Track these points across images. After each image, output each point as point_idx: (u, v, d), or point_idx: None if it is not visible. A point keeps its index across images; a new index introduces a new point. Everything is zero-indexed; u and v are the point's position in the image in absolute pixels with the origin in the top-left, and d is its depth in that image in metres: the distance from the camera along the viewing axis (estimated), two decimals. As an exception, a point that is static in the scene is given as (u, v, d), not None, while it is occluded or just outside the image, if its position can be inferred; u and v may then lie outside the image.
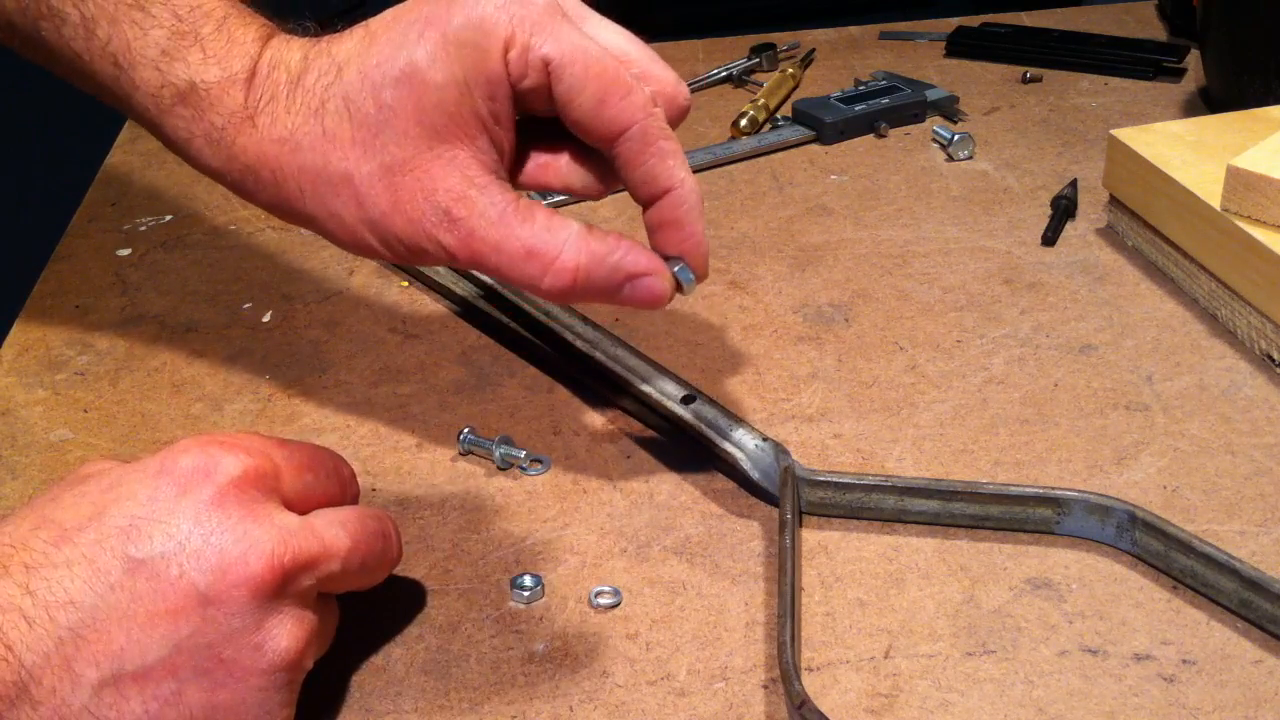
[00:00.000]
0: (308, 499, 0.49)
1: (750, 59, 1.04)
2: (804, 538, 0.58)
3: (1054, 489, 0.57)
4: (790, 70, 1.01)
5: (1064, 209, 0.81)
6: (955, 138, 0.89)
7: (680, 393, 0.64)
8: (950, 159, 0.90)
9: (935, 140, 0.91)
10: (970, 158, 0.90)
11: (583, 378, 0.68)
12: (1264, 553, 0.56)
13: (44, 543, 0.45)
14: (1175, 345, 0.69)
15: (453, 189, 0.51)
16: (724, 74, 1.03)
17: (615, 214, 0.83)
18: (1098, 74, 1.00)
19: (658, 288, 0.53)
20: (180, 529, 0.45)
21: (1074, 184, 0.83)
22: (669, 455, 0.63)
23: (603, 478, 0.62)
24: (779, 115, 0.96)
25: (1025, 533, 0.57)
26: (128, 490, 0.46)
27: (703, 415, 0.62)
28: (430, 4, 0.51)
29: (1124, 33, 1.06)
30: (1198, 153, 0.75)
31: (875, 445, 0.63)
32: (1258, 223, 0.68)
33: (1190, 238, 0.72)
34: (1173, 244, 0.74)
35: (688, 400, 0.63)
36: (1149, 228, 0.76)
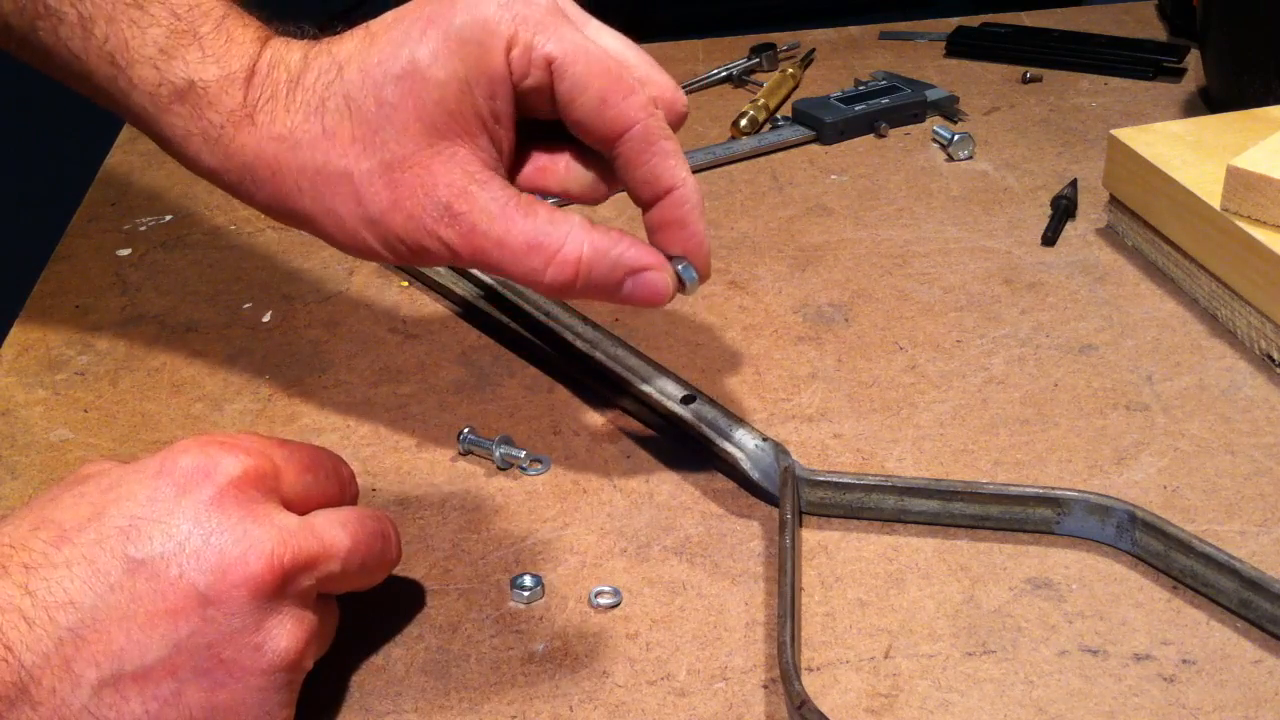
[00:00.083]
0: (307, 499, 0.49)
1: (750, 59, 1.04)
2: (804, 538, 0.58)
3: (1054, 489, 0.57)
4: (790, 70, 1.01)
5: (1064, 209, 0.81)
6: (955, 138, 0.89)
7: (680, 393, 0.64)
8: (950, 159, 0.90)
9: (935, 140, 0.91)
10: (970, 158, 0.90)
11: (583, 378, 0.68)
12: (1264, 553, 0.56)
13: (43, 543, 0.45)
14: (1175, 345, 0.69)
15: (454, 184, 0.51)
16: (724, 74, 1.03)
17: (615, 214, 0.83)
18: (1098, 74, 1.00)
19: (659, 282, 0.52)
20: (180, 529, 0.45)
21: (1074, 184, 0.83)
22: (669, 455, 0.63)
23: (603, 478, 0.62)
24: (779, 115, 0.96)
25: (1025, 533, 0.57)
26: (127, 490, 0.46)
27: (703, 415, 0.62)
28: (433, 4, 0.51)
29: (1124, 33, 1.06)
30: (1198, 153, 0.75)
31: (875, 445, 0.63)
32: (1258, 223, 0.68)
33: (1190, 238, 0.72)
34: (1173, 244, 0.74)
35: (688, 400, 0.63)
36: (1149, 228, 0.76)
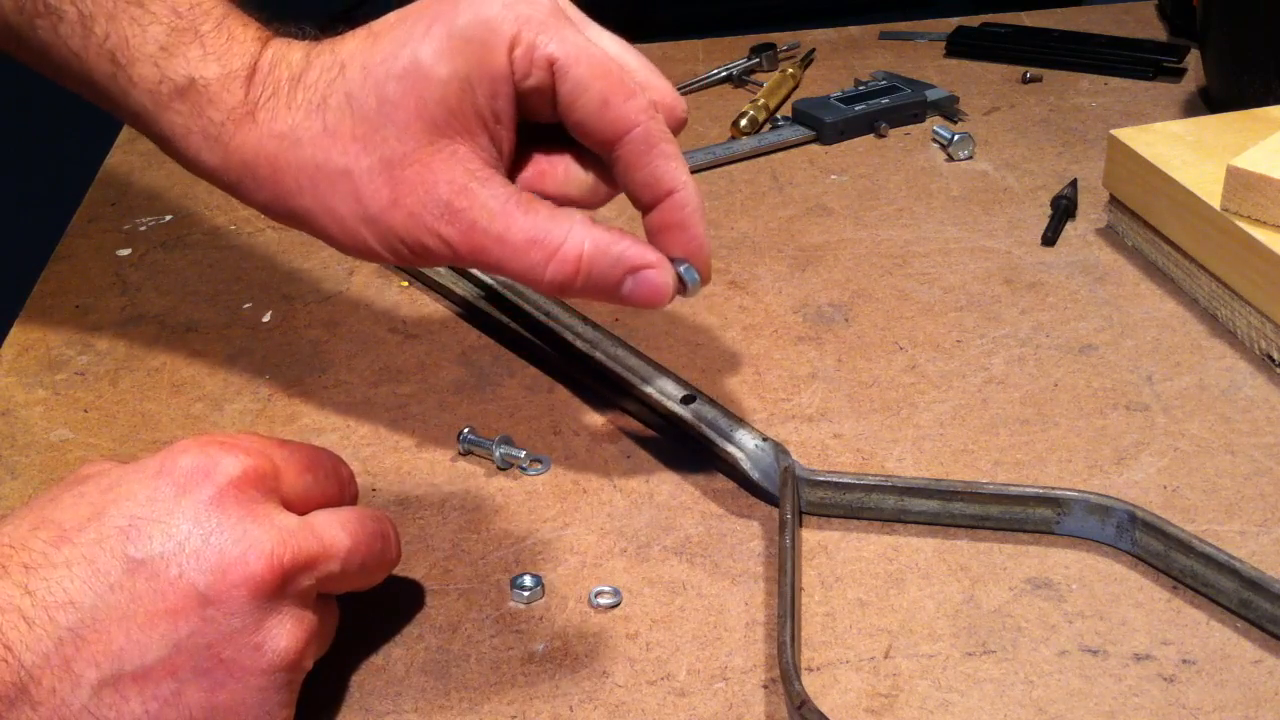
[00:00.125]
0: (307, 499, 0.49)
1: (750, 59, 1.04)
2: (804, 538, 0.58)
3: (1054, 489, 0.57)
4: (790, 70, 1.01)
5: (1064, 209, 0.81)
6: (955, 138, 0.89)
7: (680, 393, 0.64)
8: (950, 159, 0.90)
9: (935, 140, 0.91)
10: (970, 158, 0.90)
11: (583, 378, 0.68)
12: (1264, 553, 0.56)
13: (43, 543, 0.45)
14: (1175, 345, 0.69)
15: (454, 181, 0.51)
16: (724, 74, 1.03)
17: (615, 214, 0.83)
18: (1098, 74, 1.00)
19: (660, 281, 0.52)
20: (180, 529, 0.45)
21: (1074, 184, 0.83)
22: (669, 455, 0.63)
23: (603, 478, 0.62)
24: (779, 115, 0.96)
25: (1025, 533, 0.57)
26: (127, 490, 0.46)
27: (703, 415, 0.62)
28: (436, 4, 0.52)
29: (1124, 33, 1.06)
30: (1198, 153, 0.75)
31: (875, 445, 0.63)
32: (1258, 223, 0.68)
33: (1190, 238, 0.72)
34: (1173, 244, 0.74)
35: (688, 400, 0.63)
36: (1149, 228, 0.76)
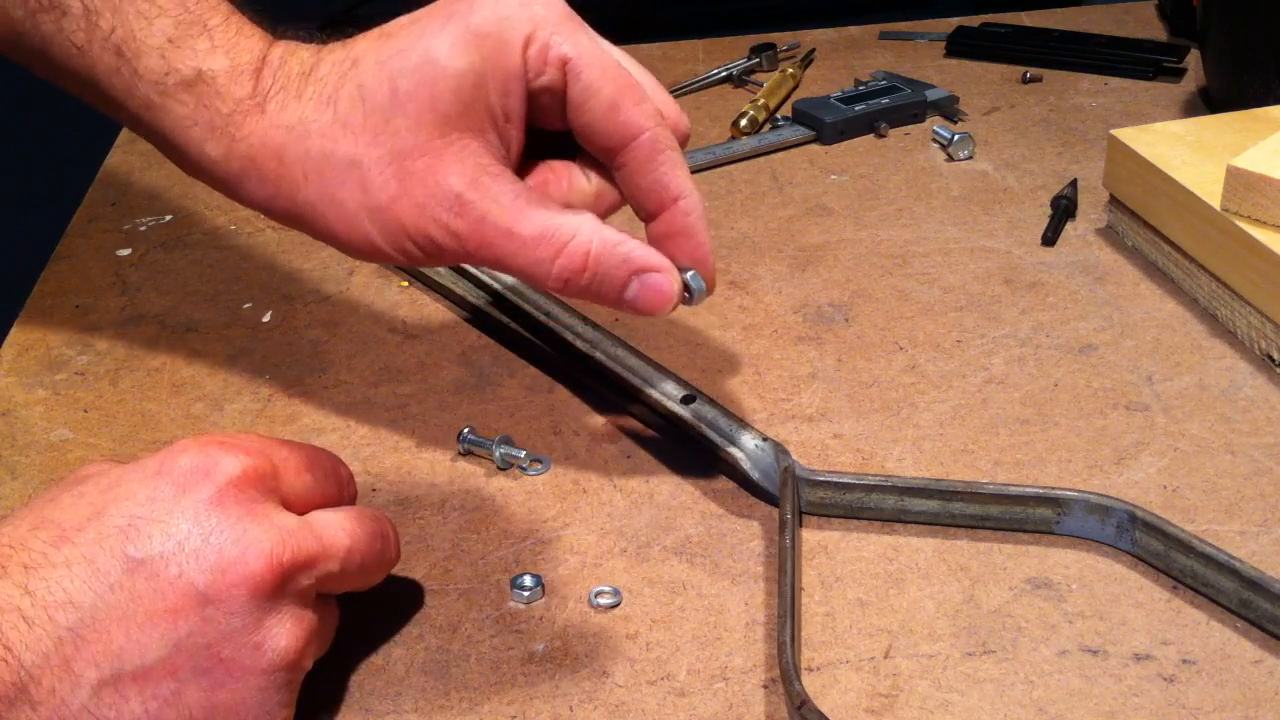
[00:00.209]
0: (306, 499, 0.49)
1: (750, 59, 1.04)
2: (804, 538, 0.58)
3: (1054, 489, 0.57)
4: (790, 70, 1.01)
5: (1064, 209, 0.81)
6: (955, 138, 0.89)
7: (680, 393, 0.64)
8: (950, 159, 0.90)
9: (935, 140, 0.91)
10: (970, 158, 0.90)
11: (583, 378, 0.68)
12: (1264, 553, 0.56)
13: (43, 543, 0.45)
14: (1175, 345, 0.69)
15: (465, 174, 0.51)
16: (724, 74, 1.03)
17: (616, 214, 0.83)
18: (1098, 74, 1.00)
19: (665, 285, 0.52)
20: (179, 529, 0.45)
21: (1074, 184, 0.83)
22: (669, 455, 0.63)
23: (603, 478, 0.62)
24: (779, 115, 0.96)
25: (1025, 533, 0.57)
26: (127, 490, 0.46)
27: (703, 415, 0.62)
28: (452, 3, 0.52)
29: (1124, 33, 1.06)
30: (1198, 153, 0.75)
31: (875, 445, 0.63)
32: (1258, 223, 0.68)
33: (1190, 238, 0.72)
34: (1173, 244, 0.74)
35: (688, 400, 0.63)
36: (1149, 228, 0.76)
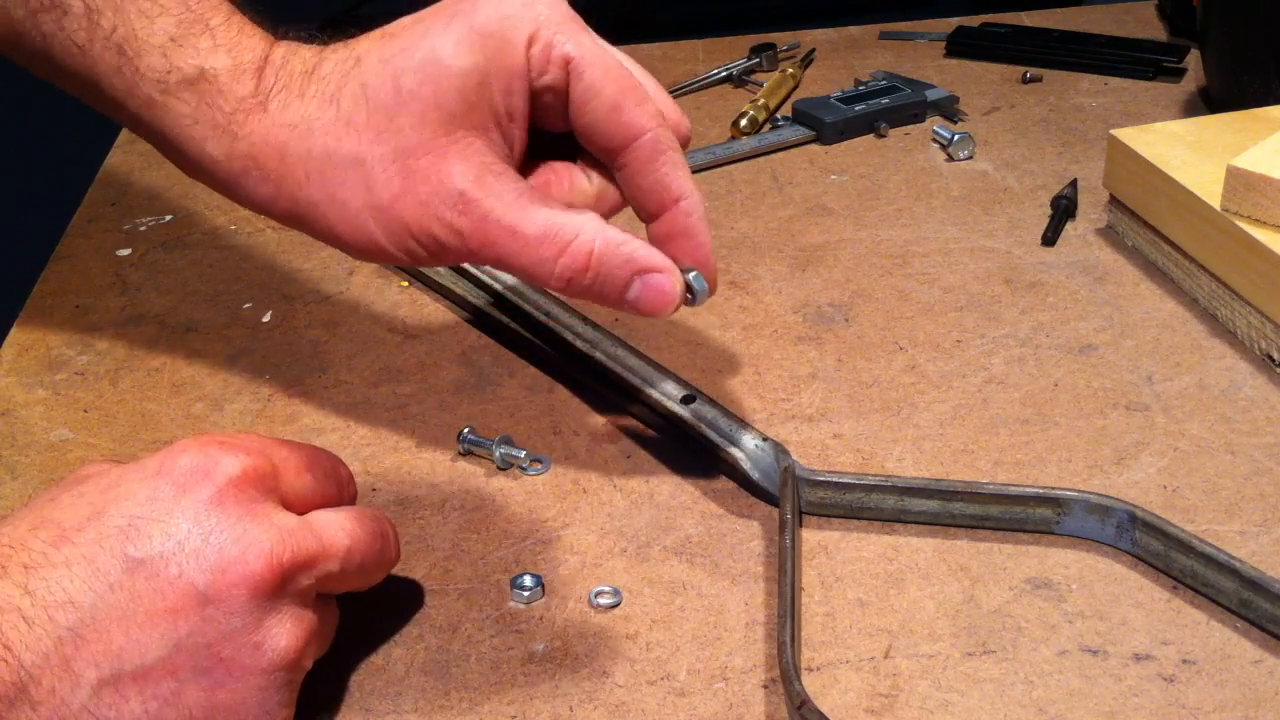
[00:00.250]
0: (306, 499, 0.49)
1: (750, 59, 1.04)
2: (804, 538, 0.58)
3: (1054, 489, 0.57)
4: (790, 70, 1.01)
5: (1064, 209, 0.81)
6: (955, 138, 0.89)
7: (680, 393, 0.64)
8: (950, 159, 0.90)
9: (935, 140, 0.91)
10: (970, 158, 0.90)
11: (583, 378, 0.68)
12: (1264, 553, 0.56)
13: (43, 543, 0.45)
14: (1175, 345, 0.69)
15: (469, 172, 0.51)
16: (724, 74, 1.03)
17: (617, 216, 0.83)
18: (1098, 74, 1.00)
19: (667, 286, 0.52)
20: (179, 528, 0.45)
21: (1074, 184, 0.83)
22: (669, 455, 0.63)
23: (603, 478, 0.62)
24: (779, 115, 0.96)
25: (1025, 533, 0.57)
26: (126, 490, 0.46)
27: (703, 415, 0.62)
28: (456, 3, 0.52)
29: (1124, 33, 1.06)
30: (1198, 153, 0.75)
31: (875, 445, 0.63)
32: (1258, 223, 0.68)
33: (1190, 238, 0.72)
34: (1173, 244, 0.74)
35: (688, 400, 0.63)
36: (1149, 228, 0.76)
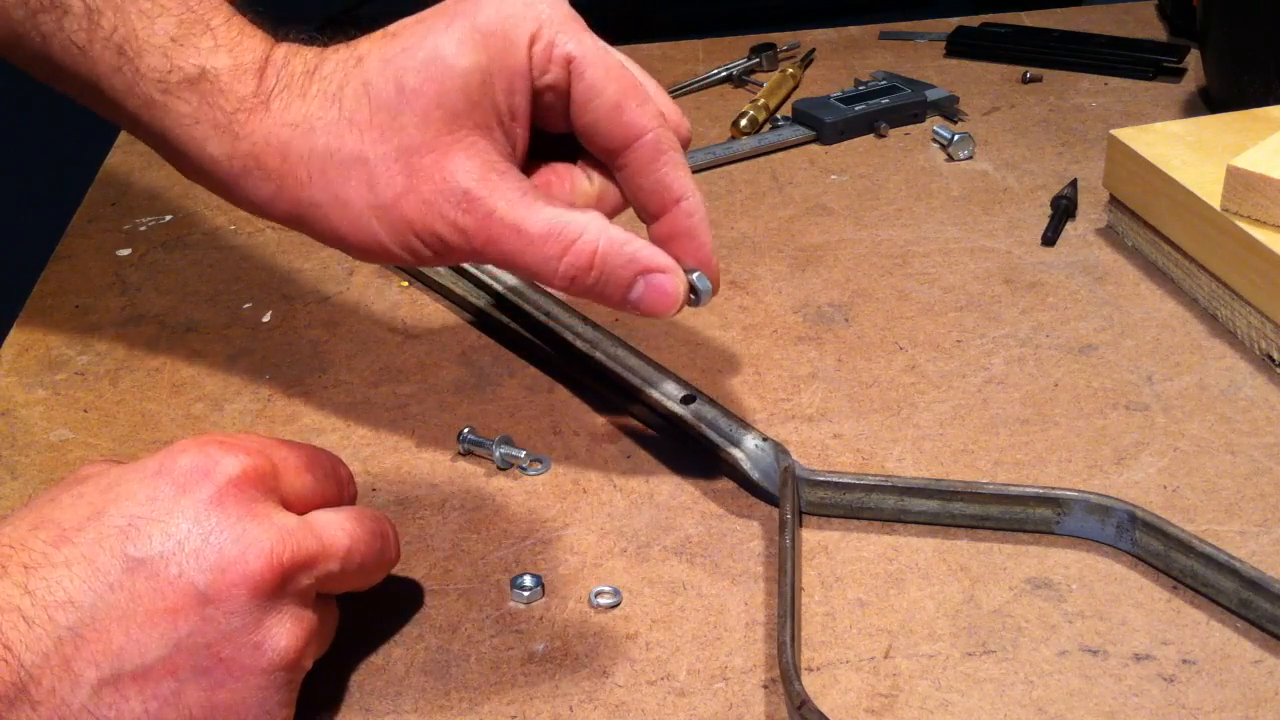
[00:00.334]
0: (306, 499, 0.49)
1: (750, 59, 1.04)
2: (804, 538, 0.58)
3: (1054, 489, 0.57)
4: (790, 70, 1.01)
5: (1064, 209, 0.81)
6: (955, 138, 0.89)
7: (680, 393, 0.64)
8: (950, 159, 0.90)
9: (935, 140, 0.91)
10: (970, 158, 0.90)
11: (583, 378, 0.68)
12: (1264, 553, 0.56)
13: (43, 543, 0.45)
14: (1175, 345, 0.69)
15: (473, 170, 0.51)
16: (724, 74, 1.03)
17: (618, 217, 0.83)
18: (1098, 74, 1.00)
19: (670, 286, 0.52)
20: (179, 528, 0.45)
21: (1074, 184, 0.83)
22: (669, 455, 0.63)
23: (603, 478, 0.62)
24: (779, 115, 0.96)
25: (1025, 533, 0.57)
26: (126, 490, 0.46)
27: (703, 415, 0.62)
28: (458, 3, 0.52)
29: (1124, 33, 1.06)
30: (1198, 153, 0.75)
31: (875, 445, 0.63)
32: (1258, 223, 0.68)
33: (1190, 238, 0.72)
34: (1173, 244, 0.74)
35: (688, 400, 0.63)
36: (1149, 228, 0.76)
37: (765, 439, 0.61)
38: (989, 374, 0.68)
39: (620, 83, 0.52)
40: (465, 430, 0.64)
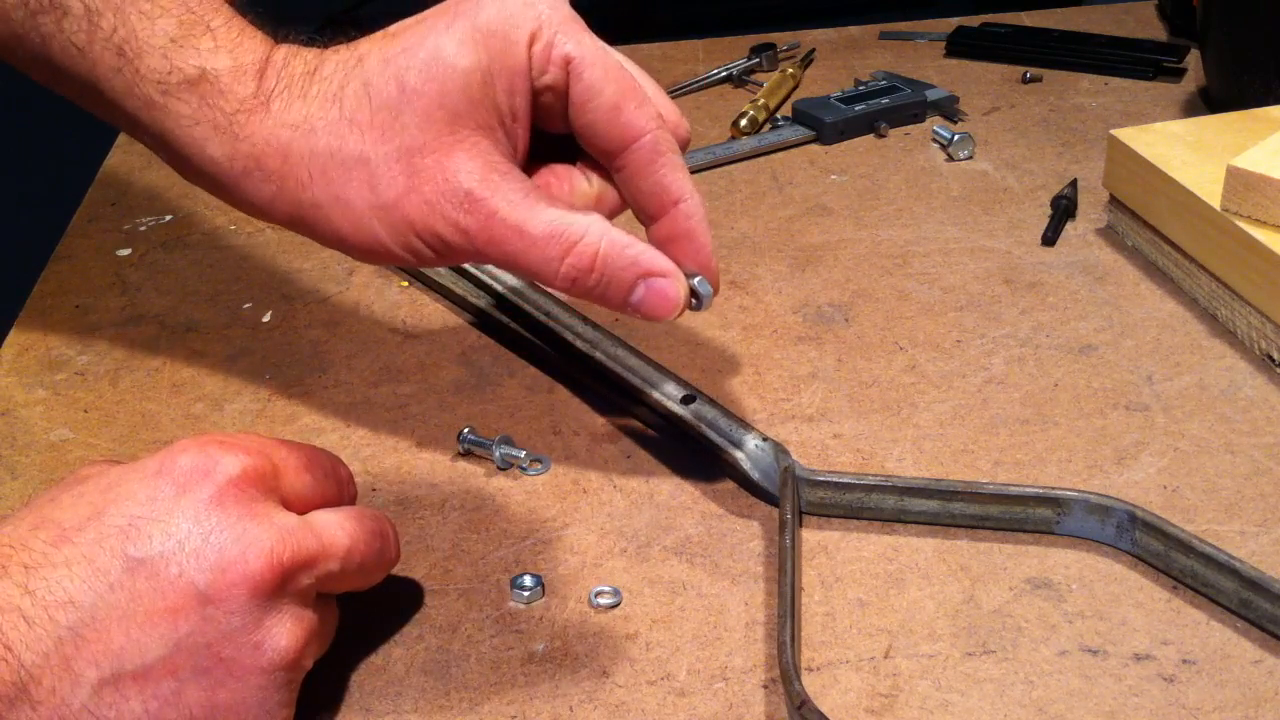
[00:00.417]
0: (306, 499, 0.49)
1: (750, 59, 1.04)
2: (804, 538, 0.58)
3: (1054, 489, 0.57)
4: (790, 70, 1.01)
5: (1064, 209, 0.81)
6: (955, 138, 0.89)
7: (680, 393, 0.64)
8: (950, 159, 0.90)
9: (935, 140, 0.91)
10: (970, 158, 0.90)
11: (583, 378, 0.68)
12: (1264, 553, 0.56)
13: (43, 543, 0.45)
14: (1175, 345, 0.69)
15: (475, 171, 0.51)
16: (724, 74, 1.03)
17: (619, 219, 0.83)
18: (1098, 74, 1.00)
19: (671, 290, 0.52)
20: (179, 528, 0.45)
21: (1074, 184, 0.83)
22: (669, 455, 0.63)
23: (603, 478, 0.62)
24: (779, 115, 0.96)
25: (1025, 533, 0.57)
26: (127, 490, 0.46)
27: (703, 415, 0.62)
28: (458, 3, 0.52)
29: (1124, 33, 1.06)
30: (1198, 153, 0.75)
31: (875, 445, 0.63)
32: (1258, 223, 0.68)
33: (1190, 238, 0.72)
34: (1173, 244, 0.74)
35: (688, 400, 0.63)
36: (1149, 228, 0.76)
37: (765, 439, 0.61)
38: (989, 374, 0.68)
39: (619, 84, 0.52)
40: (465, 430, 0.64)
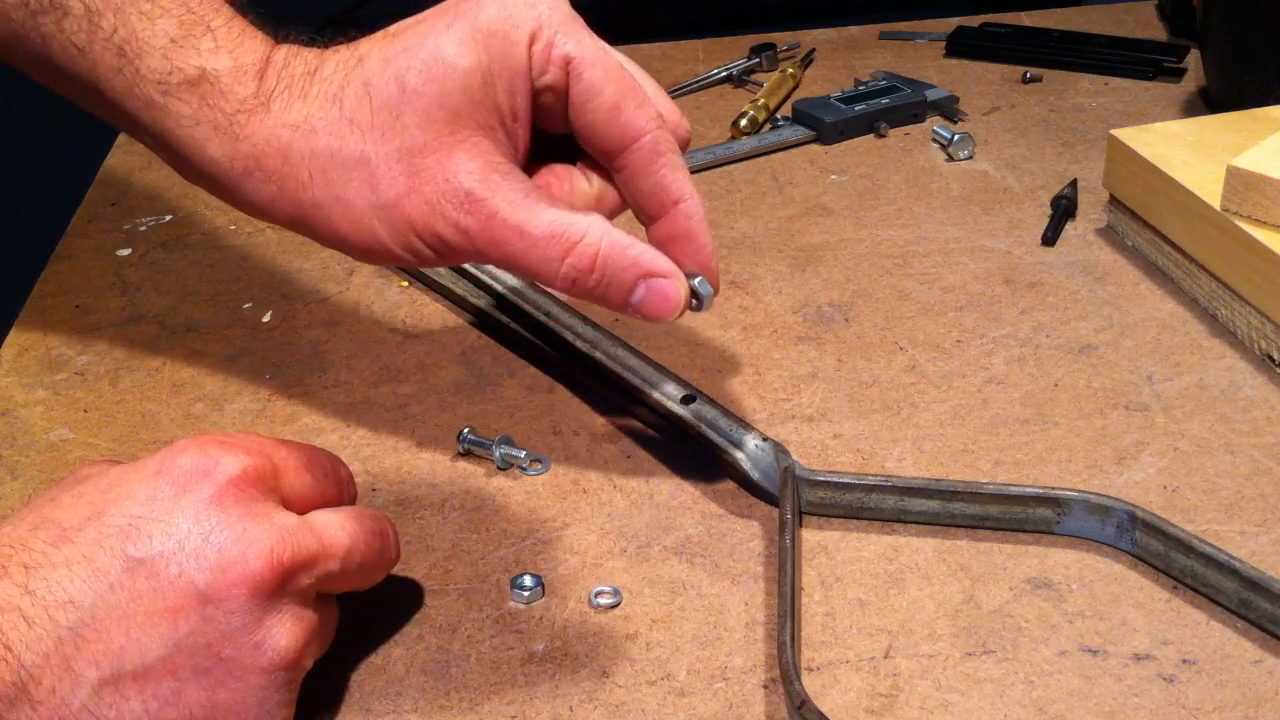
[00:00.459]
0: (306, 499, 0.49)
1: (750, 59, 1.04)
2: (804, 538, 0.58)
3: (1054, 489, 0.57)
4: (790, 70, 1.01)
5: (1064, 209, 0.81)
6: (955, 138, 0.89)
7: (680, 393, 0.64)
8: (950, 159, 0.90)
9: (935, 140, 0.91)
10: (970, 158, 0.90)
11: (583, 378, 0.68)
12: (1264, 553, 0.56)
13: (43, 543, 0.45)
14: (1175, 345, 0.69)
15: (475, 171, 0.51)
16: (724, 74, 1.03)
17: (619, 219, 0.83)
18: (1098, 74, 1.00)
19: (672, 291, 0.52)
20: (179, 528, 0.45)
21: (1074, 184, 0.83)
22: (669, 455, 0.63)
23: (603, 478, 0.62)
24: (779, 115, 0.96)
25: (1025, 533, 0.57)
26: (127, 490, 0.46)
27: (703, 415, 0.62)
28: (458, 3, 0.52)
29: (1124, 33, 1.06)
30: (1198, 153, 0.75)
31: (875, 445, 0.63)
32: (1258, 223, 0.68)
33: (1190, 238, 0.72)
34: (1173, 244, 0.74)
35: (688, 400, 0.63)
36: (1149, 228, 0.76)
37: (765, 439, 0.61)
38: (989, 374, 0.68)
39: (619, 84, 0.52)
40: (465, 430, 0.64)
